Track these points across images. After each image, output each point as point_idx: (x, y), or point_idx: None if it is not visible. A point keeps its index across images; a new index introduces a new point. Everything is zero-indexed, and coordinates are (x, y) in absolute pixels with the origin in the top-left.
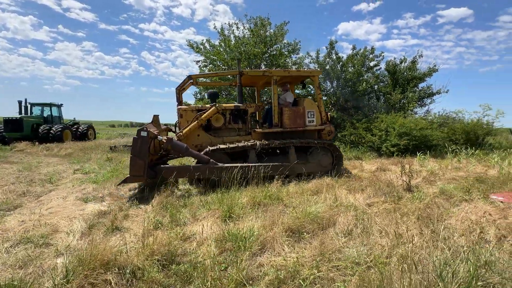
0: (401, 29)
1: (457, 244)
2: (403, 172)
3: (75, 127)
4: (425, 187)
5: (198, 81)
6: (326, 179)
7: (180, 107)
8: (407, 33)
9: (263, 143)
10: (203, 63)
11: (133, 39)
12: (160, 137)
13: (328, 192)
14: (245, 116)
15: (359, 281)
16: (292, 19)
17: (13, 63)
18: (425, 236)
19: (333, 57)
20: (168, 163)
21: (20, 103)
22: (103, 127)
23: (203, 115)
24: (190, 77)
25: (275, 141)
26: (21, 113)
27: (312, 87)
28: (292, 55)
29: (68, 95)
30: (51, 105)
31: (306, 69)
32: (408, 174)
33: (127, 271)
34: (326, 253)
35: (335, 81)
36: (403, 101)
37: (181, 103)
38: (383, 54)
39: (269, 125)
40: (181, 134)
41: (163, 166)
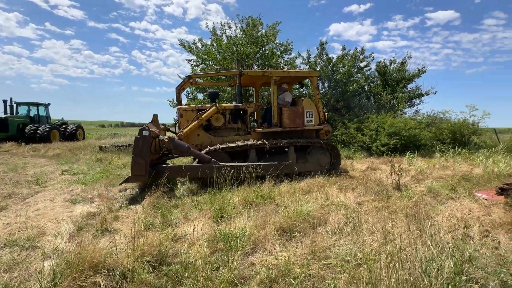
0: (391, 30)
1: (443, 240)
2: (392, 171)
3: (63, 127)
4: (413, 185)
5: (197, 81)
6: (317, 179)
7: (180, 106)
8: (397, 34)
9: (272, 142)
10: (195, 63)
11: (123, 37)
12: (162, 136)
13: (319, 191)
14: (245, 116)
15: (349, 278)
16: (284, 20)
17: None
18: (412, 233)
19: (324, 57)
20: (168, 163)
21: (5, 102)
22: (93, 127)
23: (204, 115)
24: (190, 77)
25: (283, 141)
26: (6, 113)
27: (303, 88)
28: (284, 55)
29: (56, 94)
30: (38, 105)
31: (304, 70)
32: (397, 173)
33: (117, 273)
34: (317, 251)
35: (326, 82)
36: (393, 102)
37: (181, 103)
38: (373, 55)
39: (268, 124)
40: (182, 133)
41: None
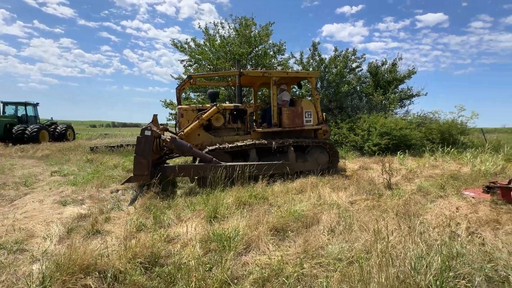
0: (382, 32)
1: (432, 238)
2: (384, 170)
3: (53, 127)
4: (404, 184)
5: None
6: (310, 178)
7: (181, 106)
8: (388, 36)
9: (279, 142)
10: (188, 63)
11: (115, 36)
12: (163, 136)
13: (312, 191)
14: (244, 116)
15: (341, 277)
16: (277, 20)
17: None
18: (402, 231)
19: (317, 58)
20: (168, 163)
21: None
22: (83, 127)
23: (204, 115)
24: (190, 77)
25: (289, 140)
26: None
27: (297, 89)
28: (277, 55)
29: (45, 93)
30: (26, 104)
31: (304, 71)
32: (388, 172)
33: (108, 275)
34: (309, 250)
35: (319, 82)
36: (384, 102)
37: (181, 103)
38: (364, 56)
39: (268, 124)
40: (183, 133)
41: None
